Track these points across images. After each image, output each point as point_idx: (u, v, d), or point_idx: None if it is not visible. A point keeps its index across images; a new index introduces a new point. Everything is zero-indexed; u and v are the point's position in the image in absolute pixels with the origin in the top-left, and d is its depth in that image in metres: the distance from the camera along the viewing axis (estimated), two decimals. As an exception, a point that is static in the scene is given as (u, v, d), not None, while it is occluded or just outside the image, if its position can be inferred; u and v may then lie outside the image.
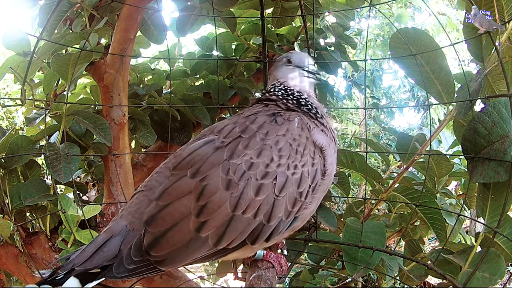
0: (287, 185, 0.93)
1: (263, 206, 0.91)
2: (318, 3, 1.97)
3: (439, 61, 1.44)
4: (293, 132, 0.99)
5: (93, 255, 0.88)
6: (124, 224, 0.93)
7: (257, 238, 0.92)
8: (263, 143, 0.95)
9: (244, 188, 0.90)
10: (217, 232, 0.88)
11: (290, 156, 0.95)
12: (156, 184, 0.97)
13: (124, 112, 1.84)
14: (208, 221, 0.88)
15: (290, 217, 0.95)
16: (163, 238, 0.87)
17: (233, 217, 0.89)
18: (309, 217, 1.06)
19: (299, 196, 0.95)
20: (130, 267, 0.87)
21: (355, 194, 5.08)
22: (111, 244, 0.90)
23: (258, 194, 0.90)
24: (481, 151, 1.24)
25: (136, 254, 0.87)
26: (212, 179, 0.90)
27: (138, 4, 1.77)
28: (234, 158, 0.92)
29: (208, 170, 0.91)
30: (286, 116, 1.04)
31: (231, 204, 0.89)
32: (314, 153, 1.00)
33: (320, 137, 1.03)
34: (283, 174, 0.93)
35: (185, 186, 0.91)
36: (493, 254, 1.21)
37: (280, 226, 0.94)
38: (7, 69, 1.73)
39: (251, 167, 0.92)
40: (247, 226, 0.90)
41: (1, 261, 1.65)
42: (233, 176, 0.90)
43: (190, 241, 0.88)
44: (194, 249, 0.88)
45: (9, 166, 1.63)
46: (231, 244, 0.90)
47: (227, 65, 2.34)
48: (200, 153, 0.95)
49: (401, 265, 1.62)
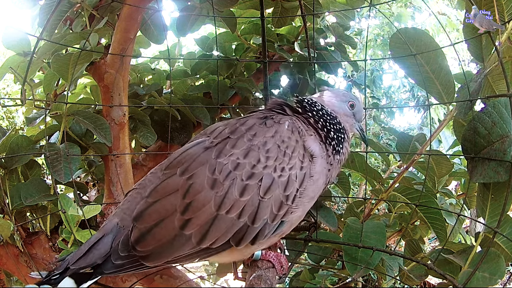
0: (273, 187, 0.92)
1: (248, 207, 0.90)
2: (318, 3, 1.97)
3: (439, 61, 1.44)
4: (282, 134, 0.98)
5: (87, 253, 0.89)
6: (116, 222, 0.95)
7: (241, 240, 0.92)
8: (250, 144, 0.95)
9: (229, 188, 0.90)
10: (201, 230, 0.89)
11: (278, 158, 0.94)
12: (148, 183, 0.98)
13: (124, 112, 1.84)
14: (192, 219, 0.89)
15: (276, 220, 0.94)
16: (149, 234, 0.88)
17: (217, 216, 0.89)
18: (297, 223, 1.05)
19: (285, 200, 0.94)
20: (117, 262, 0.88)
21: (355, 194, 5.08)
22: (103, 242, 0.91)
23: (243, 195, 0.90)
24: (481, 151, 1.24)
25: (123, 250, 0.88)
26: (199, 178, 0.91)
27: (138, 4, 1.77)
28: (221, 157, 0.93)
29: (196, 168, 0.92)
30: (277, 119, 1.04)
31: (216, 203, 0.89)
32: (304, 156, 0.99)
33: (313, 144, 1.02)
34: (269, 176, 0.92)
35: (173, 184, 0.92)
36: (493, 254, 1.21)
37: (265, 229, 0.93)
38: (7, 69, 1.73)
39: (237, 167, 0.92)
40: (231, 227, 0.90)
41: (1, 261, 1.65)
42: (219, 175, 0.91)
43: (175, 238, 0.88)
44: (178, 246, 0.89)
45: (9, 166, 1.63)
46: (215, 243, 0.90)
47: (227, 65, 2.34)
48: (190, 153, 0.96)
49: (401, 265, 1.62)
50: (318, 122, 1.08)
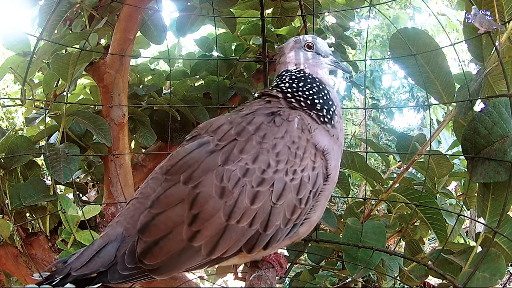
0: (286, 192, 0.88)
1: (259, 215, 0.86)
2: (318, 3, 1.97)
3: (439, 61, 1.44)
4: (292, 134, 0.93)
5: (90, 260, 0.86)
6: (120, 231, 0.91)
7: (253, 247, 0.89)
8: (260, 147, 0.90)
9: (239, 196, 0.85)
10: (211, 241, 0.85)
11: (289, 160, 0.90)
12: (150, 191, 0.93)
13: (124, 112, 1.84)
14: (201, 230, 0.84)
15: (289, 224, 0.91)
16: (156, 246, 0.85)
17: (227, 226, 0.85)
18: (315, 224, 1.01)
19: (298, 203, 0.90)
20: (124, 273, 0.85)
21: (355, 195, 5.08)
22: (107, 250, 0.88)
23: (254, 203, 0.86)
24: (481, 151, 1.24)
25: (130, 262, 0.85)
26: (205, 187, 0.86)
27: (138, 4, 1.77)
28: (229, 164, 0.88)
29: (201, 176, 0.87)
30: (285, 115, 0.97)
31: (225, 213, 0.85)
32: (315, 156, 0.94)
33: (322, 140, 0.97)
34: (281, 180, 0.88)
35: (178, 194, 0.88)
36: (493, 254, 1.21)
37: (278, 234, 0.90)
38: (7, 69, 1.73)
39: (247, 173, 0.87)
40: (242, 236, 0.86)
41: (1, 262, 1.64)
42: (227, 183, 0.86)
43: (183, 250, 0.85)
44: (187, 259, 0.86)
45: (9, 166, 1.63)
46: (226, 253, 0.87)
47: (227, 66, 2.33)
48: (193, 157, 0.91)
49: (401, 265, 1.62)
50: (301, 103, 1.02)
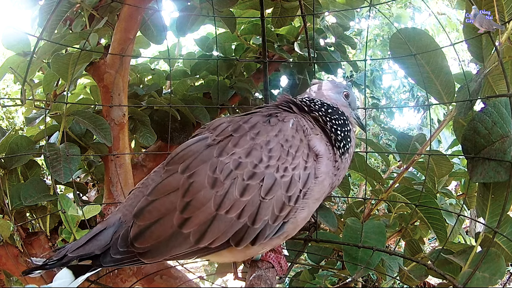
0: (275, 188, 0.91)
1: (248, 207, 0.89)
2: (318, 3, 1.97)
3: (439, 61, 1.44)
4: (286, 133, 0.96)
5: (87, 242, 0.90)
6: (118, 216, 0.95)
7: (241, 240, 0.91)
8: (253, 142, 0.93)
9: (229, 188, 0.89)
10: (199, 229, 0.88)
11: (281, 157, 0.93)
12: (151, 182, 0.98)
13: (124, 112, 1.84)
14: (191, 218, 0.88)
15: (278, 221, 0.93)
16: (147, 231, 0.88)
17: (216, 216, 0.88)
18: (302, 225, 1.03)
19: (287, 201, 0.92)
20: (115, 257, 0.88)
21: (355, 194, 5.08)
22: (104, 234, 0.92)
23: (243, 195, 0.89)
24: (481, 151, 1.24)
25: (122, 245, 0.89)
26: (199, 176, 0.90)
27: (138, 4, 1.77)
28: (223, 156, 0.92)
29: (197, 166, 0.91)
30: (281, 117, 1.01)
31: (215, 203, 0.88)
32: (308, 156, 0.96)
33: (318, 144, 0.99)
34: (271, 176, 0.91)
35: (174, 182, 0.91)
36: (493, 254, 1.21)
37: (266, 230, 0.92)
38: (7, 69, 1.73)
39: (239, 166, 0.90)
40: (230, 227, 0.89)
41: (1, 261, 1.64)
42: (220, 174, 0.89)
43: (172, 235, 0.88)
44: (175, 245, 0.89)
45: (9, 166, 1.63)
46: (213, 243, 0.89)
47: (227, 65, 2.33)
48: (192, 149, 0.96)
49: (401, 265, 1.62)
50: (327, 123, 1.06)
